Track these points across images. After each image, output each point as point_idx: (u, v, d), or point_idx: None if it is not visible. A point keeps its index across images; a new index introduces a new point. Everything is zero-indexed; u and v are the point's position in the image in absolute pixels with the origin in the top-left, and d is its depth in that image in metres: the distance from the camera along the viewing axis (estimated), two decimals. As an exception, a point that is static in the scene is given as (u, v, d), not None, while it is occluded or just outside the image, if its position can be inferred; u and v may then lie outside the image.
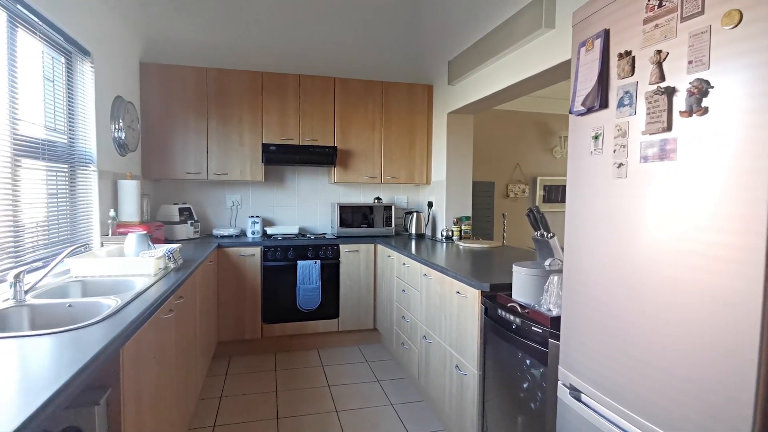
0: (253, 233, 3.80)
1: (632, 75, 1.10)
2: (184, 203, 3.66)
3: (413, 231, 3.93)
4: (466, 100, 3.49)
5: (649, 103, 1.05)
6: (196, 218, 3.67)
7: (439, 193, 3.96)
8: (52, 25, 2.16)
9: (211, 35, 3.85)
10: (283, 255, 3.53)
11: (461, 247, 3.29)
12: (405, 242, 3.59)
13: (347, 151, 3.93)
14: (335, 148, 3.77)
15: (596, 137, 1.20)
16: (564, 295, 1.37)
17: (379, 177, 4.03)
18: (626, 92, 1.11)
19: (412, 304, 2.93)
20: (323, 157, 3.76)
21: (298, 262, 3.54)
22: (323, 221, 4.24)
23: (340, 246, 3.67)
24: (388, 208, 3.96)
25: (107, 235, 2.67)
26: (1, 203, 1.78)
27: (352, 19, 4.16)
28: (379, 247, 3.72)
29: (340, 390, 2.92)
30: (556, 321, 1.50)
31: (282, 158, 3.68)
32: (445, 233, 3.76)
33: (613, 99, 1.16)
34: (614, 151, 1.15)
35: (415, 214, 3.96)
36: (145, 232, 2.36)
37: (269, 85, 3.73)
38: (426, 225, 4.04)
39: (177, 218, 3.49)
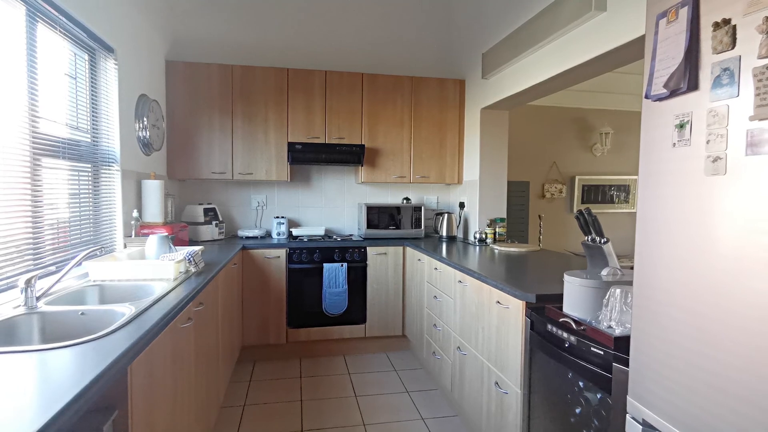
0: (279, 234, 3.69)
1: (733, 48, 0.90)
2: (209, 204, 3.58)
3: (444, 233, 3.74)
4: (501, 95, 3.28)
5: (759, 81, 0.84)
6: (221, 219, 3.59)
7: (472, 194, 3.76)
8: (75, 21, 2.09)
9: (236, 32, 3.77)
10: (308, 257, 3.40)
11: (496, 250, 3.08)
12: (435, 245, 3.41)
13: (375, 149, 3.78)
14: (362, 146, 3.63)
15: (681, 125, 1.00)
16: (634, 314, 1.16)
17: (408, 176, 3.85)
18: (725, 69, 0.90)
19: (444, 312, 2.74)
20: (350, 156, 3.62)
21: (324, 264, 3.41)
22: (350, 222, 4.10)
23: (368, 248, 3.52)
24: (417, 209, 3.79)
25: (130, 236, 2.60)
26: (20, 204, 1.70)
27: (379, 12, 4.00)
28: (408, 249, 3.55)
29: (367, 401, 2.76)
30: (620, 342, 1.30)
31: (308, 157, 3.56)
32: (478, 235, 3.55)
33: (705, 78, 0.95)
34: (708, 142, 0.94)
35: (446, 215, 3.77)
36: (167, 233, 2.27)
37: (295, 82, 3.62)
38: (457, 227, 3.84)
39: (202, 219, 3.42)
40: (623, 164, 4.69)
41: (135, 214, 2.59)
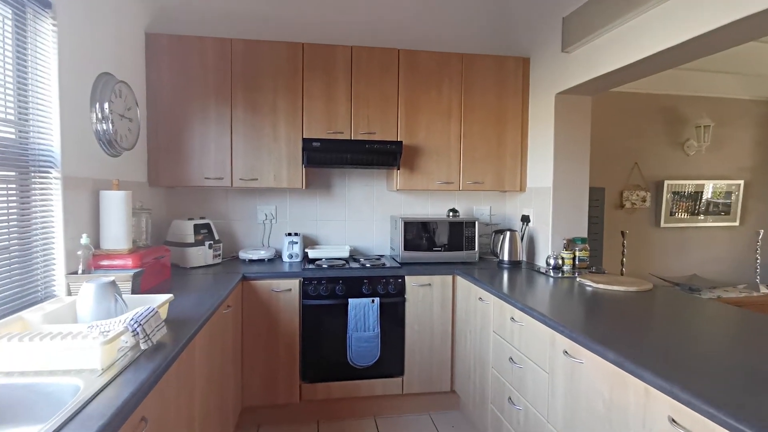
0: (291, 257, 2.87)
1: None
2: (202, 218, 2.79)
3: (506, 257, 2.86)
4: (590, 73, 2.39)
5: None
6: (216, 237, 2.79)
7: (541, 205, 2.87)
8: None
9: (238, -1, 2.97)
10: (329, 290, 2.57)
11: (589, 288, 2.19)
12: (499, 275, 2.53)
13: (414, 147, 2.92)
14: (400, 143, 2.78)
15: None
16: None
17: (456, 182, 2.99)
18: None
19: (530, 387, 1.87)
20: (383, 156, 2.78)
21: (350, 300, 2.57)
22: (380, 240, 3.25)
23: (406, 278, 2.67)
24: (470, 224, 2.91)
25: (77, 273, 1.81)
26: None
27: (420, -26, 3.15)
28: (460, 280, 2.68)
29: None
30: None
31: (328, 158, 2.73)
32: (552, 261, 2.66)
33: None
34: None
35: (507, 233, 2.88)
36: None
37: (312, 61, 2.79)
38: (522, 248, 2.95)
39: (191, 238, 2.63)
40: (721, 165, 3.72)
41: (84, 239, 1.79)
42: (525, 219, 3.05)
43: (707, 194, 3.65)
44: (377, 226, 3.25)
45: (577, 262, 2.73)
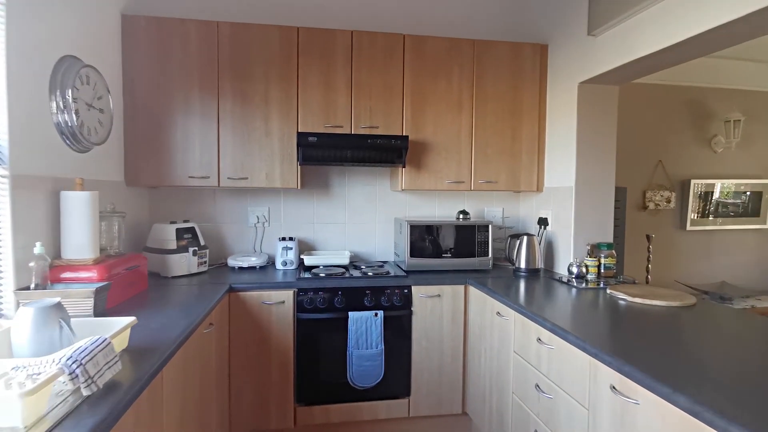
0: (285, 264, 2.60)
1: None
2: (186, 222, 2.51)
3: (522, 264, 2.58)
4: (621, 58, 2.12)
5: None
6: (202, 243, 2.52)
7: (561, 206, 2.59)
8: None
9: (227, -21, 2.69)
10: (327, 302, 2.30)
11: (623, 302, 1.92)
12: (515, 284, 2.26)
13: (421, 143, 2.65)
14: (406, 138, 2.50)
15: None
16: None
17: (468, 182, 2.71)
18: None
19: (564, 422, 1.59)
20: (387, 152, 2.50)
21: (351, 314, 2.30)
22: (383, 245, 2.98)
23: (413, 288, 2.39)
24: (483, 228, 2.64)
25: (30, 289, 1.53)
26: None
27: (427, -47, 2.87)
28: (473, 290, 2.40)
29: None
30: None
31: (327, 155, 2.45)
32: (575, 270, 2.39)
33: None
34: None
35: (525, 238, 2.61)
36: (58, 301, 1.19)
37: (308, 47, 2.51)
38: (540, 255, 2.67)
39: (173, 244, 2.35)
40: (751, 164, 3.45)
41: (38, 248, 1.51)
42: (542, 222, 2.77)
43: (735, 195, 3.38)
44: (380, 230, 2.97)
45: (602, 270, 2.46)
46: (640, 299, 1.91)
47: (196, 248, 2.44)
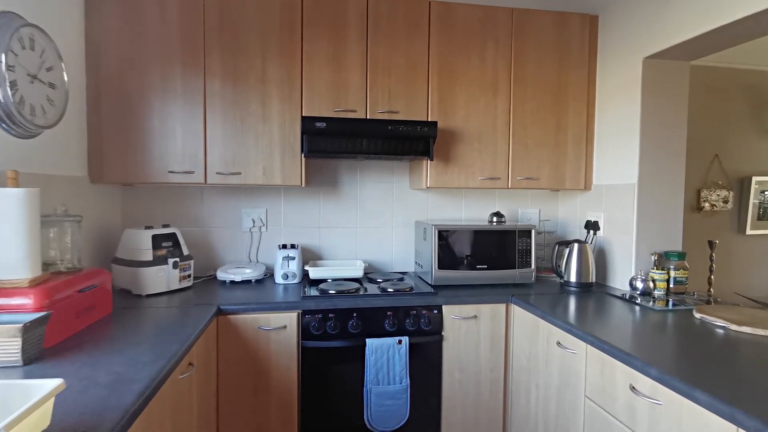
0: (286, 277, 2.15)
1: None
2: (166, 225, 2.06)
3: (572, 276, 2.15)
4: (703, 25, 1.69)
5: None
6: (185, 252, 2.06)
7: (616, 207, 2.16)
8: None
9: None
10: (339, 326, 1.85)
11: (721, 330, 1.48)
12: (570, 303, 1.82)
13: (450, 132, 2.21)
14: (434, 125, 2.06)
15: None
16: None
17: (504, 178, 2.28)
18: None
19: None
20: (411, 142, 2.06)
21: (368, 341, 1.85)
22: (401, 253, 2.54)
23: (444, 308, 1.95)
24: (524, 233, 2.20)
25: (-69, 324, 1.08)
26: None
27: None
28: (517, 310, 1.97)
29: None
30: None
31: (337, 144, 2.01)
32: (641, 285, 1.95)
33: None
34: None
35: (576, 246, 2.17)
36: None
37: (315, 15, 2.07)
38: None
39: (149, 255, 1.90)
40: (815, 158, 3.03)
41: (-56, 268, 1.06)
42: (591, 226, 2.34)
43: (801, 194, 2.96)
44: (397, 235, 2.53)
45: (671, 285, 2.03)
46: (748, 328, 1.48)
47: (178, 259, 1.98)
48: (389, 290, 1.99)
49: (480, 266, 2.15)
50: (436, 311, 1.94)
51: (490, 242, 2.16)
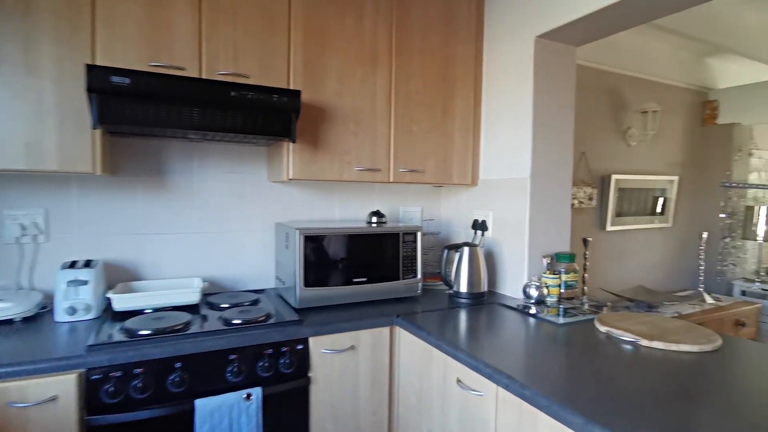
0: (73, 311, 1.43)
1: None
2: None
3: (464, 286, 1.83)
4: (597, 2, 1.50)
5: None
6: None
7: (506, 204, 1.92)
8: None
9: None
10: (151, 385, 1.23)
11: (628, 346, 1.27)
12: (464, 321, 1.49)
13: (319, 108, 1.72)
14: (297, 95, 1.53)
15: None
16: None
17: (386, 170, 1.87)
18: None
19: None
20: (266, 117, 1.51)
21: (198, 403, 1.26)
22: (258, 264, 1.96)
23: (311, 341, 1.45)
24: (410, 236, 1.81)
25: None
26: None
27: None
28: (405, 335, 1.57)
29: None
30: None
31: (151, 115, 1.35)
32: (536, 293, 1.72)
33: None
34: None
35: (466, 251, 1.86)
36: None
37: None
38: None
39: None
40: (659, 159, 3.28)
41: None
42: (479, 226, 2.07)
43: (640, 192, 3.17)
44: (253, 242, 1.95)
45: (562, 290, 1.85)
46: (661, 343, 1.29)
47: None
48: (234, 322, 1.42)
49: (358, 279, 1.70)
50: (300, 346, 1.43)
51: (370, 248, 1.73)
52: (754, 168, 3.50)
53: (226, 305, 1.62)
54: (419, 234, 1.83)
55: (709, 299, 3.01)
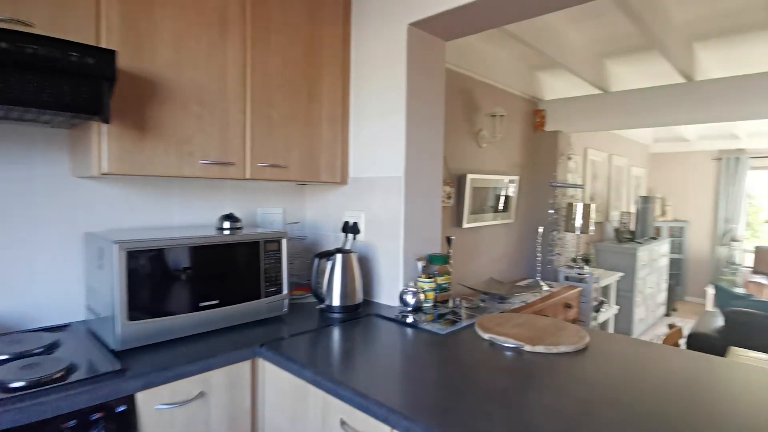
0: None
1: None
2: None
3: (337, 299, 1.61)
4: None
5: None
6: None
7: (379, 205, 1.76)
8: None
9: None
10: None
11: (510, 352, 1.24)
12: (342, 343, 1.28)
13: (147, 80, 1.29)
14: (112, 56, 1.10)
15: None
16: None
17: (241, 164, 1.53)
18: None
19: None
20: (63, 83, 1.04)
21: None
22: (58, 292, 1.43)
23: (139, 396, 1.06)
24: (272, 245, 1.51)
25: None
26: None
27: None
28: (271, 368, 1.27)
29: None
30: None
31: None
32: (413, 300, 1.61)
33: None
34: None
35: (339, 258, 1.64)
36: None
37: None
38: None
39: None
40: (503, 160, 3.57)
41: None
42: (350, 230, 1.87)
43: (489, 191, 3.42)
44: (48, 260, 1.40)
45: (437, 294, 1.78)
46: (543, 347, 1.27)
47: None
48: (13, 386, 0.94)
49: (207, 303, 1.34)
50: (122, 407, 1.03)
51: (223, 262, 1.38)
52: (570, 170, 4.08)
53: (2, 357, 1.10)
54: (284, 241, 1.54)
55: (545, 287, 3.38)
